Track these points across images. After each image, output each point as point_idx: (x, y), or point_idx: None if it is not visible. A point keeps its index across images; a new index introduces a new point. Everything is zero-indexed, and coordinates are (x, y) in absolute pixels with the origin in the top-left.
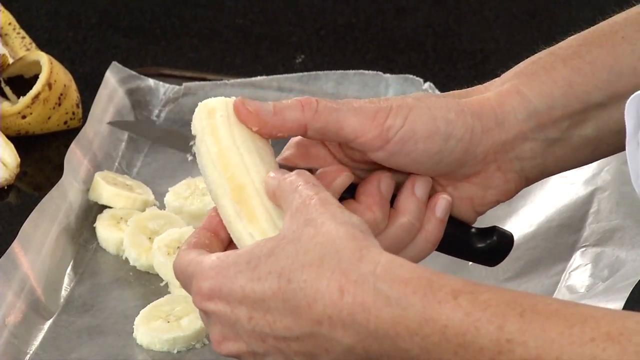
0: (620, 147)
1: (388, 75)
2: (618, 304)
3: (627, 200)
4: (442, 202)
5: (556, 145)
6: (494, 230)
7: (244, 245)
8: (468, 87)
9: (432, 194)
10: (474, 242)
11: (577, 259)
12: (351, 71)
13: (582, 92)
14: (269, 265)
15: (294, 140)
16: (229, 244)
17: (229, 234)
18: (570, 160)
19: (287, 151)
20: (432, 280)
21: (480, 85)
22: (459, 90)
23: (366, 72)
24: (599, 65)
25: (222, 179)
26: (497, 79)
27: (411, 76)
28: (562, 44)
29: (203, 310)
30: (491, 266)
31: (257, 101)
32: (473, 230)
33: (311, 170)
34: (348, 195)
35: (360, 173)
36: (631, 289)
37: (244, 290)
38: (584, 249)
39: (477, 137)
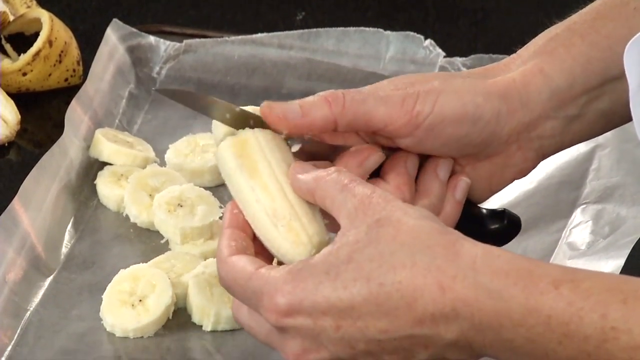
0: (631, 117)
1: (389, 32)
2: (619, 261)
3: (628, 157)
4: (461, 184)
5: (574, 121)
6: (504, 213)
7: (275, 246)
8: (469, 45)
9: (451, 173)
10: (486, 224)
11: (578, 215)
12: (352, 28)
13: (600, 68)
14: (351, 272)
15: None
16: (254, 238)
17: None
18: (585, 135)
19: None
20: (532, 270)
21: (499, 63)
22: (479, 69)
23: (367, 29)
24: (615, 39)
25: (247, 184)
26: (515, 55)
27: (412, 33)
28: (575, 17)
29: (280, 326)
30: (498, 247)
31: (283, 103)
32: (484, 211)
33: (340, 149)
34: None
35: (384, 152)
36: (632, 246)
37: (329, 301)
38: (584, 205)
39: (503, 119)
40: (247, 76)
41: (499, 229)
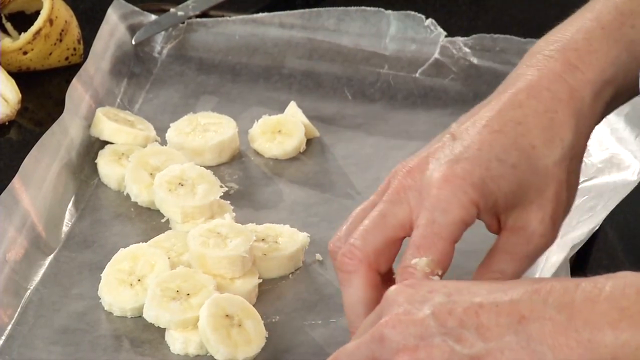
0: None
1: (389, 11)
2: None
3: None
4: None
5: None
6: None
7: None
8: (469, 24)
9: None
10: None
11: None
12: (352, 8)
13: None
14: None
15: None
16: None
17: None
18: None
19: None
20: None
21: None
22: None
23: (368, 8)
24: None
25: None
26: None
27: (413, 13)
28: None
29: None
30: None
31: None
32: None
33: None
34: None
35: None
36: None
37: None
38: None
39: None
40: (248, 56)
41: None
